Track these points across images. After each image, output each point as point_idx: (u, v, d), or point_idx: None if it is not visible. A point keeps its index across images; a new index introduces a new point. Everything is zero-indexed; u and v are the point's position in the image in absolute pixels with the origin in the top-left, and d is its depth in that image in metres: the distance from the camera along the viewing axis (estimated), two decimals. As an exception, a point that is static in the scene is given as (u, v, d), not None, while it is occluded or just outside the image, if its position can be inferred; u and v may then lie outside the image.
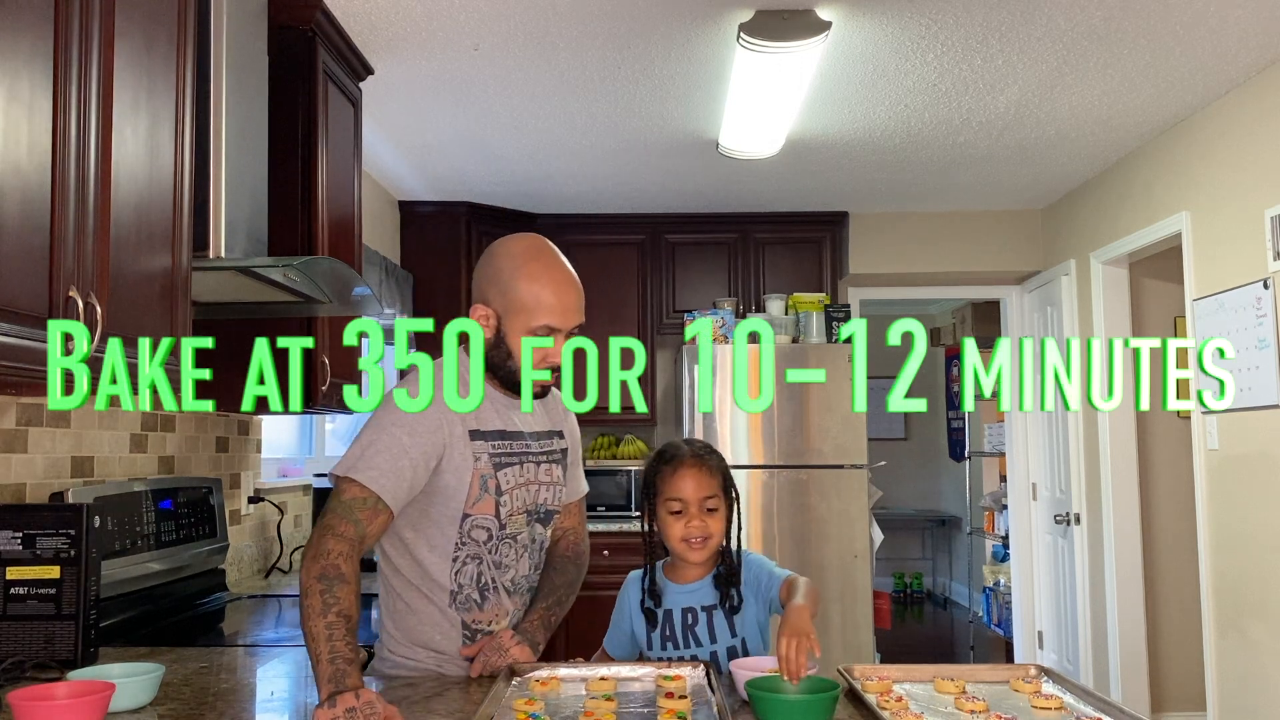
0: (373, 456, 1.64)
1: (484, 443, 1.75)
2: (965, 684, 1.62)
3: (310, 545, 1.58)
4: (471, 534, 1.76)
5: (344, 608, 1.50)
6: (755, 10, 2.88)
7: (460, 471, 1.72)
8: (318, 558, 1.55)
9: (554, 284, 1.75)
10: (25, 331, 1.44)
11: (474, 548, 1.76)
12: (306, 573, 1.54)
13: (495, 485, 1.75)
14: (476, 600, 1.78)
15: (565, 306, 1.75)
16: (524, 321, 1.73)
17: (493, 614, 1.79)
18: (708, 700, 1.55)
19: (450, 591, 1.76)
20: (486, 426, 1.77)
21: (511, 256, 1.76)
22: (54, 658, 1.80)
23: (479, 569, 1.77)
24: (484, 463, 1.74)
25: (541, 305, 1.73)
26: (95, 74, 1.64)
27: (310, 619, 1.49)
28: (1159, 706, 4.65)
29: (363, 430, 1.70)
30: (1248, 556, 3.55)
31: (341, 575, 1.53)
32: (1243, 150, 3.54)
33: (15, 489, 2.06)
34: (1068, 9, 2.90)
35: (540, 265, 1.75)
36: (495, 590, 1.79)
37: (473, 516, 1.75)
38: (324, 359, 2.77)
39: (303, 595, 1.52)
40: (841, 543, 4.68)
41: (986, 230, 5.39)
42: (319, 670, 1.44)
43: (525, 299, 1.73)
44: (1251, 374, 3.44)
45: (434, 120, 3.80)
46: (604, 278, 5.29)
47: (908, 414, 8.87)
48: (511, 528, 1.80)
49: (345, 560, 1.55)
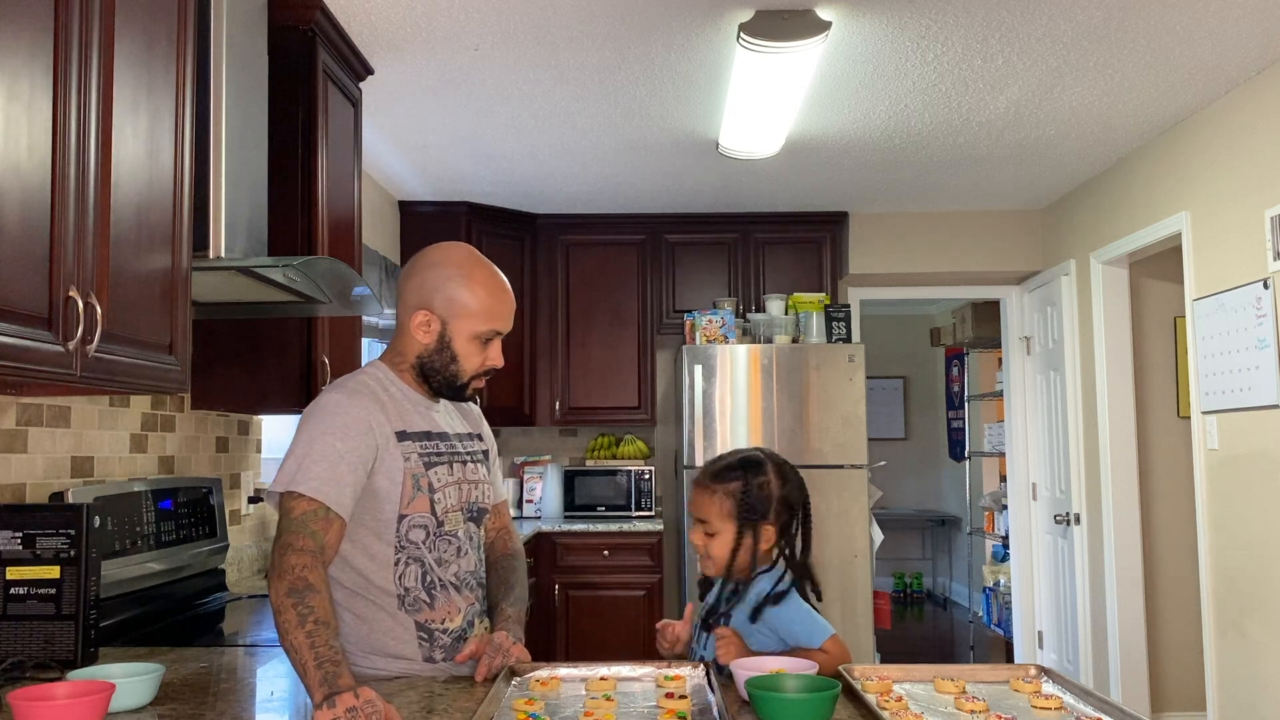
0: (310, 467, 1.64)
1: (412, 443, 1.77)
2: (965, 684, 1.62)
3: (273, 566, 1.58)
4: (410, 535, 1.76)
5: (319, 615, 1.50)
6: (755, 10, 2.88)
7: (392, 472, 1.73)
8: (283, 575, 1.54)
9: (500, 291, 1.82)
10: (25, 331, 1.44)
11: (413, 549, 1.76)
12: (275, 592, 1.54)
13: (428, 484, 1.77)
14: (426, 600, 1.77)
15: (509, 312, 1.83)
16: (471, 326, 1.79)
17: (445, 612, 1.79)
18: (708, 700, 1.55)
19: (397, 595, 1.75)
20: (413, 428, 1.79)
21: (456, 264, 1.80)
22: (54, 658, 1.80)
23: (422, 570, 1.77)
24: (414, 462, 1.76)
25: (488, 311, 1.79)
26: (95, 74, 1.64)
27: (289, 634, 1.48)
28: (1159, 706, 4.65)
29: (293, 444, 1.69)
30: (1247, 556, 3.55)
31: (310, 585, 1.53)
32: (1243, 150, 3.54)
33: (15, 489, 2.06)
34: (1068, 9, 2.90)
35: (485, 272, 1.81)
36: (443, 588, 1.79)
37: (409, 516, 1.75)
38: (324, 359, 2.77)
39: (276, 615, 1.52)
40: (841, 543, 4.68)
41: (986, 230, 5.39)
42: (309, 680, 1.43)
43: (472, 305, 1.78)
44: (1251, 374, 3.44)
45: (434, 120, 3.80)
46: (604, 278, 5.29)
47: (908, 414, 8.88)
48: (449, 525, 1.80)
49: (310, 571, 1.55)
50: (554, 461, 5.48)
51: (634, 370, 5.27)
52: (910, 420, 8.88)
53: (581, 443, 5.57)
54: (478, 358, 1.81)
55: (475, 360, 1.81)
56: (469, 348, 1.79)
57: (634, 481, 5.09)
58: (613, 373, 5.27)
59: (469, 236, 4.98)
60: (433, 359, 1.81)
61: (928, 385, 8.87)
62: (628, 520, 4.93)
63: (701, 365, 4.78)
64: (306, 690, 1.43)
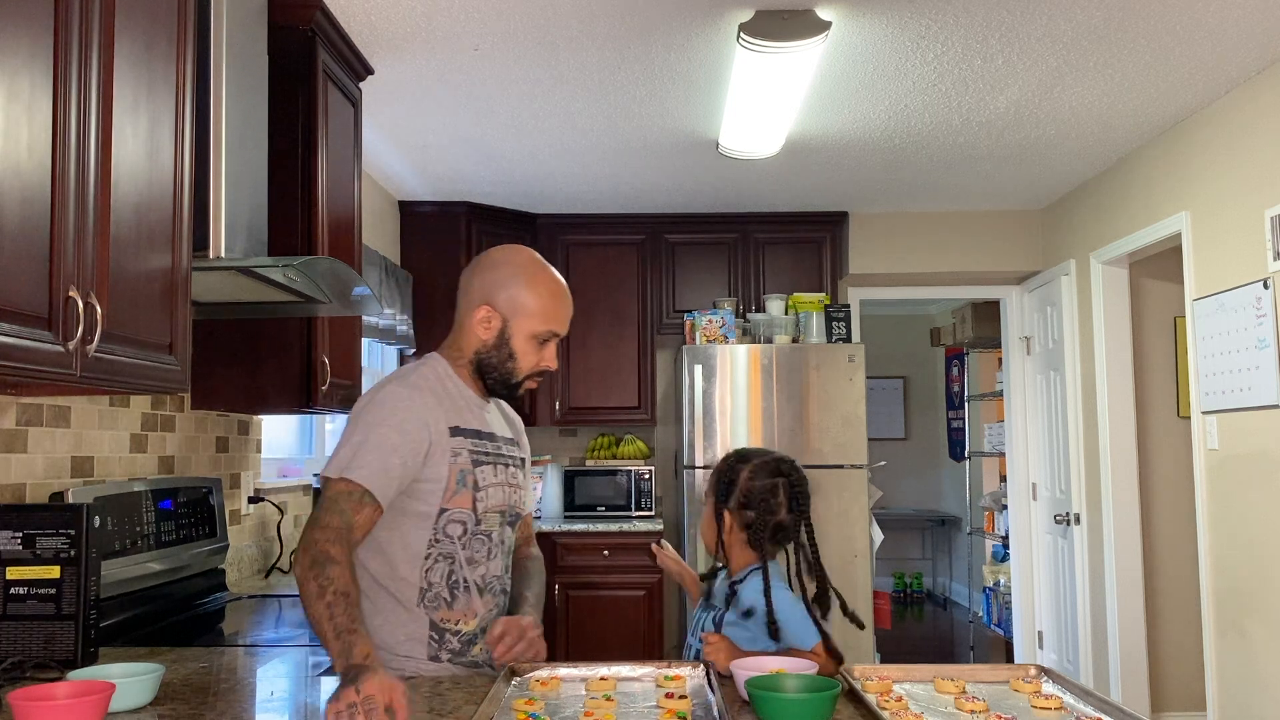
0: (364, 455, 1.69)
1: (464, 439, 1.81)
2: (965, 684, 1.62)
3: (300, 542, 1.62)
4: (446, 529, 1.79)
5: (339, 586, 1.53)
6: (755, 10, 2.88)
7: (439, 465, 1.77)
8: (307, 549, 1.59)
9: (561, 294, 1.88)
10: (25, 331, 1.44)
11: (447, 545, 1.79)
12: (299, 565, 1.58)
13: (473, 481, 1.80)
14: (446, 599, 1.79)
15: (567, 316, 1.89)
16: (530, 326, 1.84)
17: (461, 613, 1.80)
18: (708, 700, 1.55)
19: (419, 589, 1.78)
20: (466, 424, 1.83)
21: (522, 266, 1.86)
22: (54, 658, 1.80)
23: (450, 567, 1.80)
24: (464, 458, 1.79)
25: (547, 312, 1.85)
26: (95, 74, 1.64)
27: (310, 605, 1.53)
28: (1159, 706, 4.65)
29: (350, 431, 1.73)
30: (1248, 556, 3.55)
31: (330, 558, 1.57)
32: (1243, 150, 3.54)
33: (15, 489, 2.06)
34: (1068, 9, 2.90)
35: (547, 275, 1.87)
36: (466, 589, 1.81)
37: (449, 510, 1.78)
38: (324, 359, 2.77)
39: (300, 587, 1.56)
40: (841, 543, 4.68)
41: (986, 230, 5.39)
42: (330, 650, 1.48)
43: (533, 305, 1.84)
44: (1251, 374, 3.44)
45: (434, 120, 3.80)
46: (604, 278, 5.29)
47: (908, 414, 8.88)
48: (486, 524, 1.83)
49: (332, 545, 1.59)
50: (554, 461, 5.48)
51: (634, 370, 5.27)
52: (910, 420, 8.88)
53: (581, 443, 5.57)
54: (534, 357, 1.86)
55: (531, 359, 1.86)
56: (526, 346, 1.85)
57: (634, 481, 5.09)
58: (613, 373, 5.27)
59: (469, 236, 4.98)
60: (490, 355, 1.85)
61: (928, 385, 8.86)
62: (628, 520, 4.93)
63: (701, 365, 4.78)
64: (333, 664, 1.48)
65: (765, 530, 1.94)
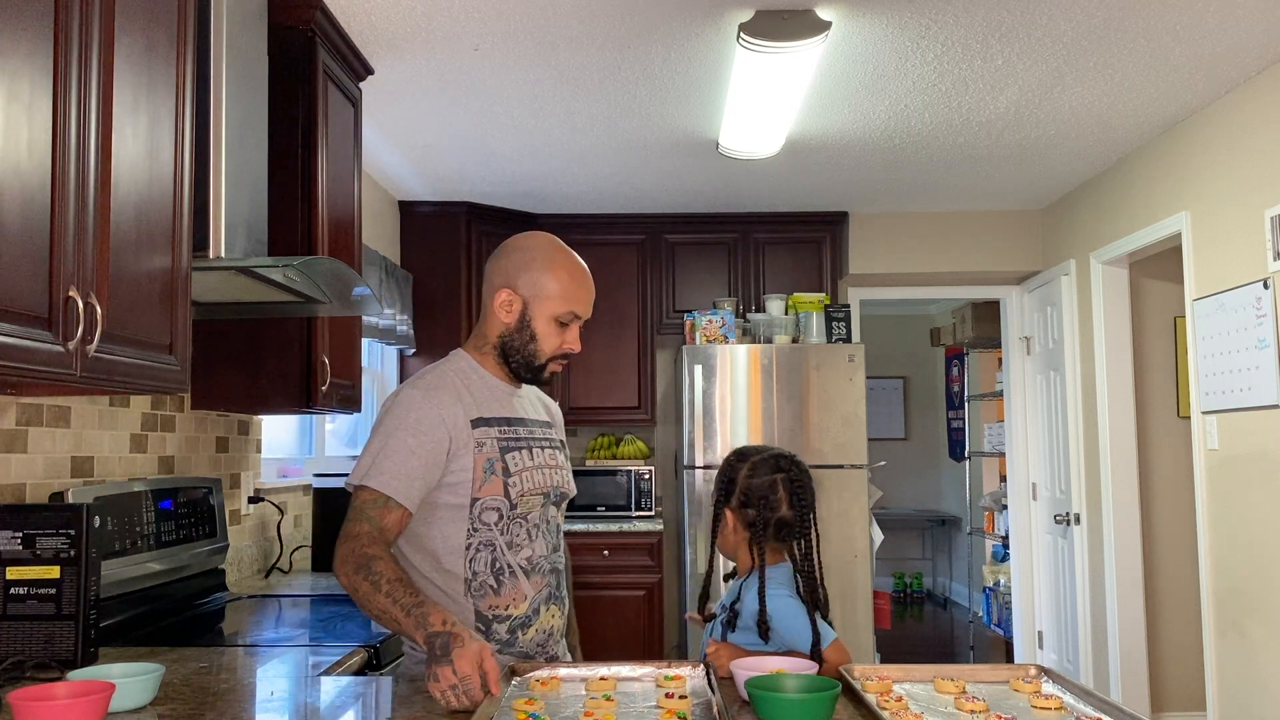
0: (383, 462, 1.75)
1: (490, 428, 1.84)
2: (965, 684, 1.62)
3: (336, 555, 1.69)
4: (482, 517, 1.81)
5: (390, 575, 1.62)
6: (755, 10, 2.88)
7: (463, 459, 1.80)
8: (345, 560, 1.67)
9: (581, 276, 1.90)
10: (25, 331, 1.44)
11: (486, 533, 1.82)
12: (342, 575, 1.66)
13: (503, 467, 1.83)
14: (492, 586, 1.82)
15: (588, 298, 1.92)
16: (551, 308, 1.86)
17: (510, 598, 1.83)
18: (708, 700, 1.55)
19: (465, 580, 1.81)
20: (492, 414, 1.85)
21: (542, 249, 1.89)
22: (54, 658, 1.80)
23: (492, 555, 1.82)
24: (490, 447, 1.82)
25: (567, 294, 1.87)
26: (95, 74, 1.64)
27: (371, 603, 1.61)
28: (1159, 706, 4.65)
29: (370, 439, 1.80)
30: (1247, 556, 3.55)
31: (372, 556, 1.65)
32: (1243, 150, 3.54)
33: (15, 489, 2.06)
34: (1068, 9, 2.90)
35: (566, 257, 1.90)
36: (511, 574, 1.83)
37: (482, 499, 1.81)
38: (324, 359, 2.77)
39: (352, 594, 1.64)
40: (841, 543, 4.68)
41: (986, 230, 5.39)
42: (405, 629, 1.58)
43: (554, 288, 1.86)
44: (1251, 374, 3.44)
45: (434, 120, 3.80)
46: (604, 278, 5.28)
47: (908, 414, 8.88)
48: (523, 508, 1.85)
49: (369, 546, 1.67)
50: (554, 461, 5.47)
51: (634, 370, 5.27)
52: (910, 420, 8.88)
53: (581, 442, 5.57)
54: (556, 339, 1.88)
55: (553, 341, 1.88)
56: (548, 329, 1.87)
57: (634, 481, 5.09)
58: (613, 373, 5.27)
59: (469, 236, 4.98)
60: (513, 338, 1.88)
61: (928, 385, 8.86)
62: (628, 520, 4.93)
63: (701, 365, 4.78)
64: (415, 644, 1.54)
65: (767, 528, 1.93)
